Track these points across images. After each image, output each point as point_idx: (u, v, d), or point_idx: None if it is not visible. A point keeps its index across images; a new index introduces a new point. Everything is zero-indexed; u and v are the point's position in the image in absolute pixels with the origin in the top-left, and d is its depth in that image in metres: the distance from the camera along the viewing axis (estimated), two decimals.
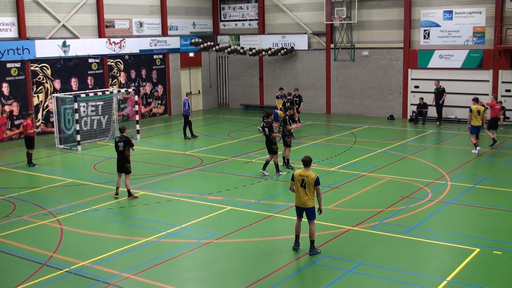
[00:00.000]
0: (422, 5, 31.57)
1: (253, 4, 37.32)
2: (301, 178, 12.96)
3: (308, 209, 13.06)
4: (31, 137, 22.58)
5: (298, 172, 13.07)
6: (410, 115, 32.21)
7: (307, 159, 13.16)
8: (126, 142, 17.80)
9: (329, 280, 11.72)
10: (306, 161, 13.14)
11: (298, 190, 13.00)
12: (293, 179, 13.12)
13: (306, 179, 12.90)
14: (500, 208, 16.29)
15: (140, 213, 16.50)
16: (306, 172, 12.98)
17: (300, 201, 13.06)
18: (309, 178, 12.90)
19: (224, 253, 13.42)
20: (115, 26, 32.47)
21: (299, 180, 12.97)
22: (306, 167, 13.08)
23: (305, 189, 12.92)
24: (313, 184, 12.88)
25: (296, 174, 13.06)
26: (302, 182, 12.93)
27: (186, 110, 27.44)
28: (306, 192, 12.94)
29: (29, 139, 22.51)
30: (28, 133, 22.49)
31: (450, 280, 11.67)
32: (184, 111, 27.60)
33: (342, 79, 34.44)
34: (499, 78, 29.78)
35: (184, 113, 27.55)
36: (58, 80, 29.30)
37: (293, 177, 13.12)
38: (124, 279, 12.04)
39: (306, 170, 13.04)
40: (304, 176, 12.95)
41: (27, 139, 22.56)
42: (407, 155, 23.21)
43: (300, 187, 12.96)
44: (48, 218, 16.14)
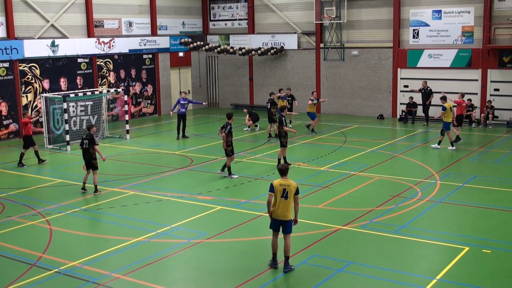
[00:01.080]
0: (411, 5, 31.68)
1: (242, 4, 37.31)
2: (282, 188, 11.95)
3: (287, 222, 12.09)
4: (30, 136, 22.65)
5: (277, 182, 12.04)
6: (400, 114, 32.31)
7: (284, 168, 12.25)
8: (90, 140, 18.35)
9: (319, 280, 11.73)
10: (284, 169, 12.22)
11: (279, 201, 11.99)
12: (272, 190, 11.99)
13: (288, 188, 11.95)
14: (489, 206, 16.36)
15: (130, 213, 16.45)
16: (287, 181, 12.04)
17: (281, 214, 12.01)
18: (290, 187, 11.97)
19: (214, 253, 13.40)
20: (104, 26, 32.36)
21: (280, 191, 11.95)
22: (284, 176, 12.13)
23: (286, 199, 11.94)
24: (294, 193, 12.04)
25: (276, 184, 12.00)
26: (284, 192, 11.95)
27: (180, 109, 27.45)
28: (287, 203, 11.99)
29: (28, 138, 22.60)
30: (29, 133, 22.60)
31: (440, 278, 11.71)
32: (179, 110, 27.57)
33: (331, 79, 34.50)
34: (487, 78, 29.93)
35: (179, 112, 27.51)
36: (47, 80, 29.17)
37: (272, 188, 11.99)
38: (114, 279, 12.00)
39: (286, 179, 12.10)
40: (285, 185, 11.98)
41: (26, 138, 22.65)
42: (397, 154, 23.28)
43: (281, 197, 11.95)
44: (37, 218, 16.06)
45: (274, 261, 12.34)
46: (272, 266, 12.32)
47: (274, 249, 12.32)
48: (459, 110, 25.18)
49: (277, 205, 12.02)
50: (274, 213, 12.09)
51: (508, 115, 29.41)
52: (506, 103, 29.48)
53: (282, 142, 20.89)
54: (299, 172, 20.67)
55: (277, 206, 12.02)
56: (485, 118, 29.16)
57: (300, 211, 16.19)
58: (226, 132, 19.62)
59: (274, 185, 12.02)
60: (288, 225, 12.15)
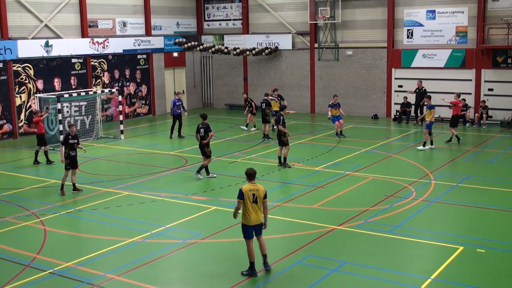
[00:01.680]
0: (405, 5, 31.73)
1: (237, 4, 37.30)
2: (252, 193, 11.76)
3: (260, 225, 11.98)
4: (42, 135, 22.84)
5: (247, 187, 11.79)
6: (394, 114, 32.36)
7: (253, 172, 12.02)
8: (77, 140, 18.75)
9: (314, 280, 11.73)
10: (252, 173, 11.99)
11: (251, 207, 11.79)
12: (242, 197, 11.72)
13: (257, 193, 11.79)
14: (483, 206, 16.40)
15: (125, 214, 16.42)
16: (255, 186, 11.87)
17: (255, 219, 11.84)
18: (259, 191, 11.83)
19: (209, 253, 13.39)
20: (98, 26, 32.30)
21: (250, 196, 11.74)
22: (253, 180, 11.95)
23: (256, 204, 11.79)
24: (263, 197, 11.89)
25: (246, 190, 11.75)
26: (254, 197, 11.76)
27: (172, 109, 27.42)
28: (258, 207, 11.85)
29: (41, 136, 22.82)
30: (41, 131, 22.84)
31: (434, 278, 11.73)
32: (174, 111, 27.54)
33: (326, 79, 34.52)
34: (481, 77, 30.01)
35: (174, 113, 27.50)
36: (41, 80, 29.08)
37: (242, 195, 11.73)
38: (108, 280, 11.97)
39: (254, 183, 11.92)
40: (254, 190, 11.79)
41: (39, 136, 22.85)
42: (391, 154, 23.31)
43: (252, 203, 11.77)
44: (31, 219, 16.02)
45: (253, 270, 12.01)
46: (252, 275, 11.97)
47: (253, 258, 11.99)
48: (455, 110, 25.19)
49: (249, 212, 11.82)
50: (249, 220, 11.85)
51: (502, 115, 29.49)
52: (500, 103, 29.55)
53: (282, 141, 21.01)
54: (294, 172, 20.68)
55: (250, 212, 11.83)
56: (479, 118, 29.23)
57: (295, 211, 16.32)
58: (202, 135, 19.73)
59: (244, 191, 11.76)
60: (261, 227, 12.08)
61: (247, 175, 12.06)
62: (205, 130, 19.74)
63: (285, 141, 21.02)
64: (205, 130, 19.74)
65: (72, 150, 18.40)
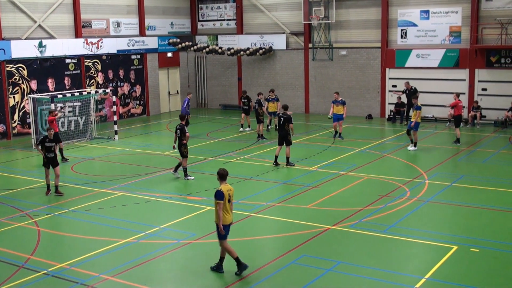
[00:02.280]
0: (399, 5, 31.78)
1: (231, 4, 37.29)
2: (228, 193, 11.91)
3: (230, 225, 12.17)
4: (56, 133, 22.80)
5: (224, 188, 11.87)
6: (388, 114, 32.41)
7: (226, 172, 12.11)
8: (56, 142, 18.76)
9: (308, 279, 11.74)
10: (226, 174, 12.08)
11: (227, 207, 11.95)
12: (222, 198, 11.77)
13: (230, 193, 12.00)
14: (477, 206, 16.44)
15: (119, 214, 16.39)
16: (228, 186, 12.03)
17: (230, 218, 12.07)
18: (231, 191, 12.05)
19: (203, 254, 13.38)
20: (92, 26, 32.24)
21: (227, 196, 11.87)
22: (225, 181, 12.05)
23: (230, 203, 12.02)
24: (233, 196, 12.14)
25: (224, 191, 11.84)
26: (229, 197, 11.94)
27: (184, 108, 27.49)
28: (232, 207, 12.15)
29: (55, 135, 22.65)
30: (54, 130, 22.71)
31: (429, 277, 11.76)
32: (182, 109, 27.63)
33: (320, 79, 34.55)
34: (475, 77, 30.09)
35: (183, 112, 27.49)
36: (34, 81, 29.00)
37: (222, 196, 11.78)
38: (102, 280, 11.95)
39: (226, 184, 12.05)
40: (229, 190, 11.97)
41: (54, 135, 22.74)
42: (386, 154, 23.34)
43: (228, 203, 11.93)
44: (25, 220, 15.97)
45: (241, 264, 12.10)
46: (244, 268, 12.10)
47: (235, 252, 12.09)
48: (457, 110, 25.10)
49: (227, 212, 11.98)
50: (226, 219, 11.99)
51: (496, 114, 29.56)
52: (494, 102, 29.62)
53: (289, 140, 21.32)
54: (289, 172, 20.69)
55: (228, 212, 11.99)
56: (472, 117, 29.30)
57: (290, 211, 16.36)
58: (179, 136, 19.74)
59: (223, 193, 11.82)
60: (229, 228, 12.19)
61: (221, 176, 12.08)
62: (181, 131, 19.77)
63: (290, 141, 21.34)
64: (181, 131, 19.77)
65: (49, 152, 18.27)
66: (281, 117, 21.39)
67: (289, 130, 21.20)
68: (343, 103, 26.28)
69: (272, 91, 28.94)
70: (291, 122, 21.22)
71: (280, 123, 21.50)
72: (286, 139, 21.28)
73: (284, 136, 21.24)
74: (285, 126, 21.20)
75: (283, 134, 21.26)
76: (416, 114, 23.45)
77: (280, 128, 21.43)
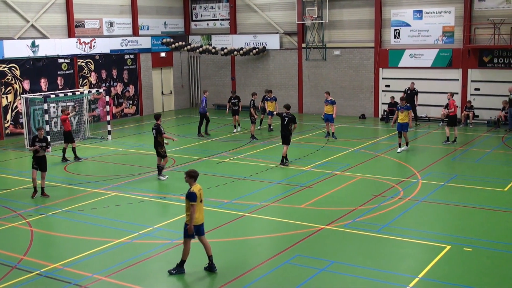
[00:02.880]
0: (393, 5, 31.84)
1: (224, 4, 37.27)
2: (199, 193, 12.08)
3: (202, 224, 12.28)
4: (69, 132, 23.12)
5: (197, 189, 12.02)
6: (382, 114, 32.45)
7: (196, 174, 12.22)
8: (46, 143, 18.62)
9: (302, 279, 11.74)
10: (196, 175, 12.20)
11: (200, 207, 12.10)
12: (196, 199, 11.91)
13: (201, 192, 12.17)
14: (470, 205, 16.48)
15: (112, 214, 16.35)
16: (198, 186, 12.16)
17: (202, 218, 12.16)
18: (202, 190, 12.22)
19: (197, 254, 13.35)
20: (85, 26, 32.16)
21: (199, 196, 12.04)
22: (195, 181, 12.17)
23: (201, 203, 12.17)
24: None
25: (197, 191, 11.99)
26: (201, 197, 12.13)
27: (203, 107, 27.42)
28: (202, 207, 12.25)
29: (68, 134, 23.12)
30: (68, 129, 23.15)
31: (422, 277, 11.78)
32: (201, 108, 27.58)
33: (314, 79, 34.57)
34: (468, 77, 30.17)
35: (201, 111, 27.53)
36: (27, 81, 28.90)
37: (196, 197, 11.91)
38: (96, 281, 11.92)
39: (197, 184, 12.17)
40: (200, 190, 12.15)
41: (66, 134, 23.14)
42: (379, 153, 23.38)
43: (200, 202, 12.06)
44: (17, 220, 15.92)
45: (182, 268, 12.24)
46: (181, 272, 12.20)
47: (187, 256, 12.25)
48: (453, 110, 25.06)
49: (200, 211, 12.08)
50: (198, 219, 12.08)
51: (489, 114, 29.63)
52: (487, 102, 29.70)
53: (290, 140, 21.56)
54: (282, 172, 20.69)
55: (200, 212, 12.08)
56: (465, 117, 29.38)
57: (283, 211, 16.37)
58: (155, 136, 19.75)
59: (196, 193, 11.93)
60: (203, 228, 12.28)
61: (192, 176, 12.15)
62: (157, 131, 19.77)
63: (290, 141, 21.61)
64: (157, 131, 19.77)
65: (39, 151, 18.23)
66: (285, 117, 21.40)
67: (292, 130, 21.35)
68: (332, 102, 26.33)
69: (270, 91, 28.92)
70: (295, 122, 21.41)
71: (283, 123, 21.46)
72: (287, 138, 21.39)
73: (287, 136, 21.38)
74: (289, 126, 21.29)
75: (286, 134, 21.37)
76: (408, 115, 23.42)
77: (284, 128, 21.43)
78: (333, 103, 26.33)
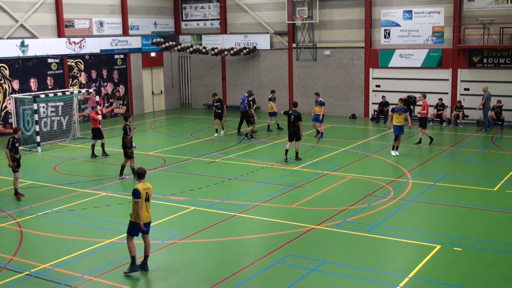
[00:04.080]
0: (383, 5, 31.91)
1: (214, 4, 37.23)
2: (145, 192, 12.09)
3: (149, 223, 12.32)
4: (98, 129, 23.40)
5: (141, 187, 12.05)
6: (372, 114, 32.53)
7: (143, 171, 12.37)
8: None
9: (293, 279, 11.75)
10: (143, 173, 12.34)
11: (144, 205, 12.09)
12: (139, 196, 11.99)
13: (149, 191, 12.17)
14: (460, 205, 16.55)
15: (102, 215, 16.30)
16: (147, 185, 12.18)
17: (146, 216, 12.14)
18: (150, 190, 12.20)
19: (188, 254, 13.36)
20: (75, 26, 32.05)
21: (144, 195, 12.06)
22: (143, 179, 12.29)
23: (148, 202, 12.19)
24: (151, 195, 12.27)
25: (141, 189, 12.03)
26: (147, 195, 12.11)
27: (244, 106, 27.31)
28: (149, 205, 12.22)
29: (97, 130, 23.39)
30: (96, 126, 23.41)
31: (412, 276, 11.81)
32: (241, 107, 27.55)
33: (304, 79, 34.60)
34: (458, 77, 30.29)
35: (242, 110, 27.51)
36: (16, 81, 28.77)
37: (139, 194, 11.99)
38: (86, 281, 11.88)
39: (145, 182, 12.25)
40: (147, 189, 12.13)
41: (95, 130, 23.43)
42: (369, 153, 23.43)
43: (144, 201, 12.08)
44: (7, 220, 15.85)
45: (134, 265, 12.23)
46: (135, 270, 12.19)
47: (134, 252, 12.26)
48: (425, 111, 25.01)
49: (146, 209, 12.17)
50: (147, 217, 12.18)
51: (478, 114, 29.73)
52: (476, 102, 29.73)
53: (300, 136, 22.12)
54: (273, 172, 20.70)
55: (147, 209, 12.18)
56: (455, 117, 29.48)
57: (274, 210, 16.38)
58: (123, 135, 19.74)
59: (140, 191, 12.01)
60: (149, 226, 12.34)
61: (138, 174, 12.34)
62: (124, 131, 19.83)
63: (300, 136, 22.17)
64: (124, 131, 19.83)
65: (17, 153, 18.12)
66: (291, 114, 22.07)
67: (300, 127, 21.87)
68: (321, 104, 26.46)
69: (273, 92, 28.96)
70: (300, 120, 21.89)
71: (290, 121, 22.04)
72: (297, 135, 21.97)
73: (295, 132, 21.96)
74: (295, 123, 21.85)
75: (294, 131, 21.99)
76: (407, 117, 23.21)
77: (291, 125, 22.03)
78: (322, 104, 26.45)
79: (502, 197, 17.25)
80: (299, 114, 22.01)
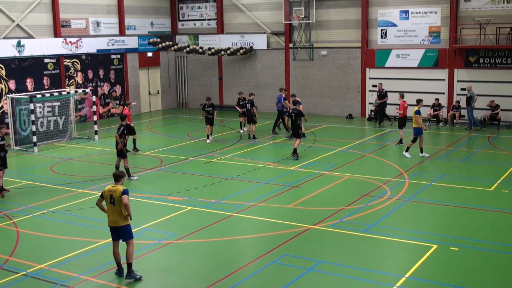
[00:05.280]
0: (379, 5, 31.94)
1: (211, 4, 37.22)
2: (110, 194, 11.93)
3: (120, 228, 12.00)
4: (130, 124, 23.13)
5: (107, 188, 12.04)
6: (369, 114, 32.55)
7: (116, 174, 12.25)
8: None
9: (289, 279, 11.75)
10: (115, 175, 12.20)
11: (107, 208, 12.04)
12: (102, 195, 12.07)
13: (114, 194, 11.88)
14: (456, 205, 16.56)
15: (99, 215, 16.21)
16: (115, 187, 11.97)
17: (112, 220, 12.01)
18: (116, 193, 11.88)
19: (184, 254, 13.35)
20: (71, 26, 32.01)
21: (108, 197, 11.94)
22: (116, 182, 12.11)
23: (114, 205, 11.90)
24: (120, 196, 11.86)
25: (105, 191, 12.03)
26: (111, 198, 11.91)
27: (282, 105, 27.72)
28: (115, 209, 11.91)
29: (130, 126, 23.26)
30: None
31: (409, 276, 11.82)
32: (278, 106, 27.93)
33: (301, 79, 34.61)
34: (454, 77, 30.33)
35: (278, 109, 27.90)
36: (13, 81, 28.73)
37: (102, 194, 12.10)
38: (82, 281, 11.87)
39: (115, 185, 12.06)
40: (112, 191, 11.92)
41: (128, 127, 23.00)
42: (366, 153, 23.44)
43: (109, 204, 11.95)
44: (4, 221, 15.82)
45: (120, 269, 12.13)
46: (119, 275, 12.10)
47: (117, 259, 12.16)
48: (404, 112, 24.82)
49: (108, 212, 12.08)
50: (108, 219, 12.13)
51: (475, 114, 29.74)
52: None
53: (301, 134, 22.99)
54: (269, 172, 20.70)
55: (108, 213, 12.09)
56: (452, 117, 29.52)
57: (271, 210, 16.35)
58: (119, 133, 19.61)
59: (103, 191, 12.07)
60: (123, 231, 12.06)
61: (113, 177, 12.24)
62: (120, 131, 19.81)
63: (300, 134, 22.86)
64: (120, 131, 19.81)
65: (1, 151, 18.16)
66: (292, 113, 22.77)
67: (301, 124, 22.82)
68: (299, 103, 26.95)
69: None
70: (303, 115, 22.66)
71: (292, 119, 22.82)
72: (297, 132, 22.58)
73: (296, 130, 22.71)
74: (297, 121, 22.48)
75: (295, 128, 22.72)
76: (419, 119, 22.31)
77: (293, 123, 22.80)
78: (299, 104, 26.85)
79: (498, 197, 17.28)
80: (300, 112, 22.55)
